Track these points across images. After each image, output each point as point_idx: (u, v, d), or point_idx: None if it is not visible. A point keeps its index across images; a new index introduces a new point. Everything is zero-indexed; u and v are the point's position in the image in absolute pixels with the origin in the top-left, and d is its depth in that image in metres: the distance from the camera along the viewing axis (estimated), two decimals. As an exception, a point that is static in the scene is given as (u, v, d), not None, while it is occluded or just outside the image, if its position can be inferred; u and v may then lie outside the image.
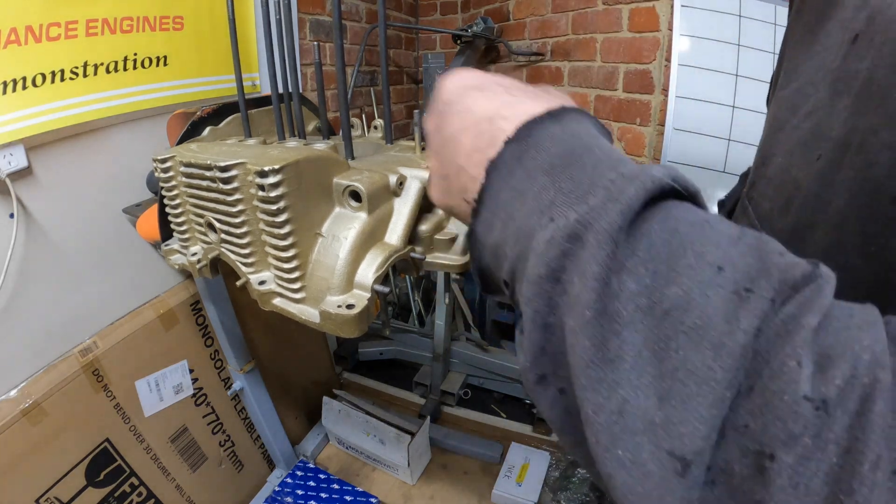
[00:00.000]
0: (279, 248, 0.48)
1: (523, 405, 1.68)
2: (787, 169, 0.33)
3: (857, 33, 0.25)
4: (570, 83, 1.57)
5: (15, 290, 0.84)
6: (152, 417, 1.07)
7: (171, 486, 1.12)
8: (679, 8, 1.21)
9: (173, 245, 0.65)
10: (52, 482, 0.89)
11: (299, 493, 1.33)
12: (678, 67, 1.23)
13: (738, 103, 1.22)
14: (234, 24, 0.64)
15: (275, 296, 0.51)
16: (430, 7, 2.14)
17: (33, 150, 0.83)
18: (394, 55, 2.04)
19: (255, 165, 0.46)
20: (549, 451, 1.46)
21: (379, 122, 0.75)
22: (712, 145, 1.25)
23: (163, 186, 0.60)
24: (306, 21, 1.46)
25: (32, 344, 0.89)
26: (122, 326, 1.02)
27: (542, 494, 1.34)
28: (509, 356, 1.70)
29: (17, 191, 0.80)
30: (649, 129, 1.32)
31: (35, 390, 0.86)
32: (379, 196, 0.51)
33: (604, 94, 1.45)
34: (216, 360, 1.22)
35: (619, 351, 0.16)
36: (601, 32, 1.41)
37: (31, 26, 0.77)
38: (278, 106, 0.64)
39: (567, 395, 0.18)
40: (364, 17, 1.75)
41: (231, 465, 1.30)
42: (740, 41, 1.20)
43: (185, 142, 0.65)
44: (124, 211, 0.99)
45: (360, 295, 0.48)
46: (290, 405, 1.50)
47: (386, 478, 1.43)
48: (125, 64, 0.92)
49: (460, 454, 1.50)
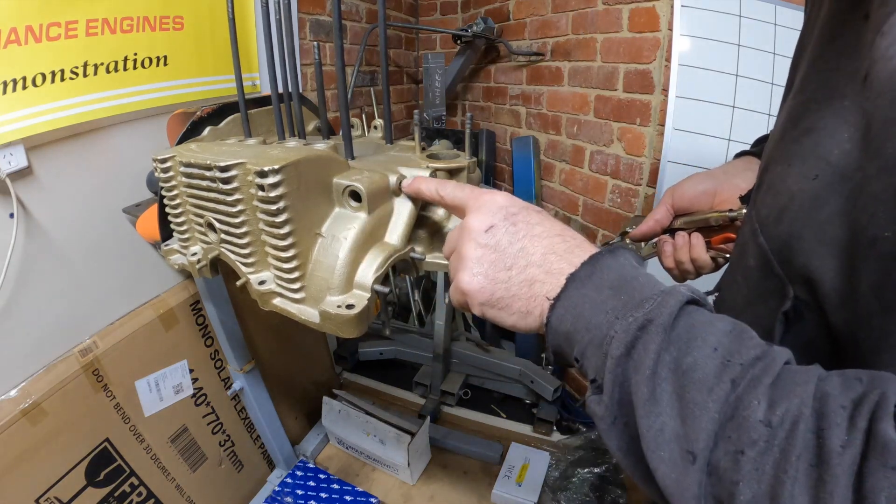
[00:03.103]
0: (279, 248, 0.48)
1: (523, 405, 1.69)
2: (784, 178, 0.36)
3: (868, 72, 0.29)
4: (570, 83, 1.57)
5: (15, 290, 0.84)
6: (152, 417, 1.07)
7: (171, 486, 1.12)
8: (679, 8, 1.21)
9: (173, 245, 0.65)
10: (52, 482, 0.89)
11: (299, 493, 1.33)
12: (678, 67, 1.23)
13: (738, 103, 1.22)
14: (233, 23, 0.64)
15: (275, 296, 0.51)
16: (430, 7, 2.14)
17: (33, 150, 0.83)
18: (394, 55, 2.04)
19: (255, 165, 0.46)
20: (549, 451, 1.46)
21: (379, 122, 0.75)
22: (712, 145, 1.25)
23: (163, 186, 0.60)
24: (306, 21, 1.46)
25: (32, 344, 0.89)
26: (122, 326, 1.02)
27: (541, 494, 1.34)
28: (509, 356, 1.70)
29: (17, 191, 0.80)
30: (649, 129, 1.32)
31: (35, 390, 0.86)
32: (379, 196, 0.51)
33: (604, 94, 1.45)
34: (216, 360, 1.22)
35: (661, 393, 0.26)
36: (601, 32, 1.41)
37: (31, 26, 0.77)
38: (278, 106, 0.64)
39: (629, 426, 0.28)
40: (364, 17, 1.75)
41: (231, 465, 1.30)
42: (740, 41, 1.20)
43: (185, 142, 0.65)
44: (124, 211, 0.99)
45: (360, 295, 0.48)
46: (290, 405, 1.50)
47: (386, 478, 1.43)
48: (125, 64, 0.92)
49: (460, 454, 1.50)
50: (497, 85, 1.95)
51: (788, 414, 0.23)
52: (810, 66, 0.37)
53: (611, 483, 1.34)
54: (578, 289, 0.32)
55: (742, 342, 0.26)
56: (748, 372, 0.25)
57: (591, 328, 0.30)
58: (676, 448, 0.25)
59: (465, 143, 0.58)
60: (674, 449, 0.25)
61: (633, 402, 0.27)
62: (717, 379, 0.25)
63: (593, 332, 0.30)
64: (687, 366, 0.26)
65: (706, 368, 0.25)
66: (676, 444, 0.25)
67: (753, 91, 1.21)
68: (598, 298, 0.31)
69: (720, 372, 0.25)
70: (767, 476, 0.22)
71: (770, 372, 0.25)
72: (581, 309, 0.31)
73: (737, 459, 0.23)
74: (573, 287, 0.32)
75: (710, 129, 1.25)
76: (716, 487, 0.24)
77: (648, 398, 0.26)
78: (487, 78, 1.99)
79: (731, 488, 0.23)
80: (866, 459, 0.20)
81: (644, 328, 0.28)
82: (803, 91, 0.37)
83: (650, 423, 0.26)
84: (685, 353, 0.26)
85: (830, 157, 0.31)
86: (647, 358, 0.27)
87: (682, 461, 0.25)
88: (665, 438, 0.25)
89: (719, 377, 0.25)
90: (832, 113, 0.32)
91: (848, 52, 0.32)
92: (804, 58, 0.39)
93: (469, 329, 1.91)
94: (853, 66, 0.31)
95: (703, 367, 0.26)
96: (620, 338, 0.28)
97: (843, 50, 0.33)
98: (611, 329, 0.29)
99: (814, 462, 0.21)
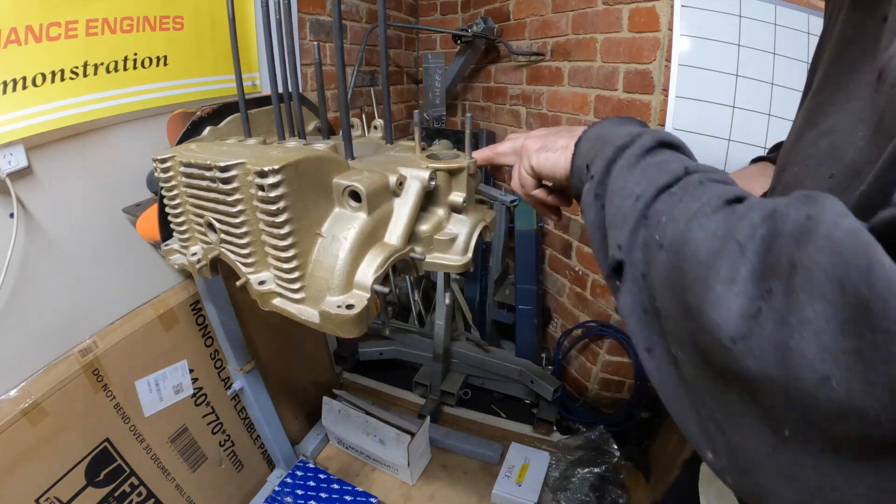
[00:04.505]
0: (279, 248, 0.48)
1: (523, 405, 1.69)
2: (800, 180, 0.37)
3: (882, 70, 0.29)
4: (570, 83, 1.57)
5: (15, 290, 0.84)
6: (152, 417, 1.07)
7: (171, 486, 1.12)
8: (679, 8, 1.21)
9: (173, 245, 0.65)
10: (52, 482, 0.89)
11: (299, 493, 1.33)
12: (678, 67, 1.23)
13: (738, 103, 1.22)
14: (234, 23, 0.64)
15: (274, 296, 0.51)
16: (430, 7, 2.14)
17: (33, 150, 0.83)
18: (394, 55, 2.04)
19: (255, 165, 0.46)
20: (549, 451, 1.46)
21: (379, 122, 0.75)
22: (712, 145, 1.25)
23: (163, 186, 0.60)
24: (306, 21, 1.46)
25: (32, 344, 0.89)
26: (122, 326, 1.02)
27: (541, 494, 1.34)
28: (509, 356, 1.70)
29: (17, 191, 0.80)
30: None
31: (35, 390, 0.86)
32: (379, 196, 0.51)
33: (604, 94, 1.44)
34: (216, 360, 1.22)
35: (634, 172, 0.35)
36: (601, 32, 1.41)
37: (31, 26, 0.77)
38: (278, 106, 0.64)
39: (599, 200, 0.37)
40: (364, 17, 1.75)
41: (231, 465, 1.30)
42: (740, 41, 1.20)
43: (185, 141, 0.65)
44: (124, 211, 0.99)
45: (360, 295, 0.48)
46: (290, 405, 1.50)
47: (386, 478, 1.43)
48: (125, 64, 0.92)
49: (460, 454, 1.50)
50: (497, 85, 1.95)
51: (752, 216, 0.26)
52: (828, 69, 0.37)
53: (611, 483, 1.34)
54: (597, 126, 0.45)
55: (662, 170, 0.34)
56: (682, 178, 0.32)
57: (591, 154, 0.41)
58: (630, 198, 0.33)
59: (466, 143, 0.58)
60: (627, 197, 0.33)
61: (611, 177, 0.36)
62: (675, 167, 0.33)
63: (594, 152, 0.41)
64: (655, 162, 0.35)
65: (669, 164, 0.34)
66: (631, 194, 0.33)
67: (753, 91, 1.21)
68: (607, 129, 0.42)
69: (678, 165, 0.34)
70: (689, 208, 0.28)
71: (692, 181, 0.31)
72: (587, 147, 0.43)
73: (671, 200, 0.30)
74: (593, 127, 0.45)
75: (710, 130, 1.25)
76: (648, 226, 0.30)
77: (624, 172, 0.35)
78: (487, 78, 1.99)
79: (658, 217, 0.30)
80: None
81: (621, 150, 0.37)
82: (821, 93, 0.37)
83: (617, 183, 0.35)
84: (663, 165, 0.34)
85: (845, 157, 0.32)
86: (630, 152, 0.36)
87: (630, 203, 0.32)
88: (625, 192, 0.34)
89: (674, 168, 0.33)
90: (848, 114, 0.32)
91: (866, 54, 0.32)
92: (822, 61, 0.39)
93: (469, 329, 1.91)
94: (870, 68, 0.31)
95: (665, 163, 0.34)
96: (619, 143, 0.38)
97: (861, 52, 0.33)
98: (611, 143, 0.39)
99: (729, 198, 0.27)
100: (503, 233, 1.88)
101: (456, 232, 0.56)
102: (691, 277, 0.25)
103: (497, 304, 1.89)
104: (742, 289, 0.22)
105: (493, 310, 1.92)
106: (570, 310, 1.72)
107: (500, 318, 1.91)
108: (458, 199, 0.56)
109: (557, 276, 1.77)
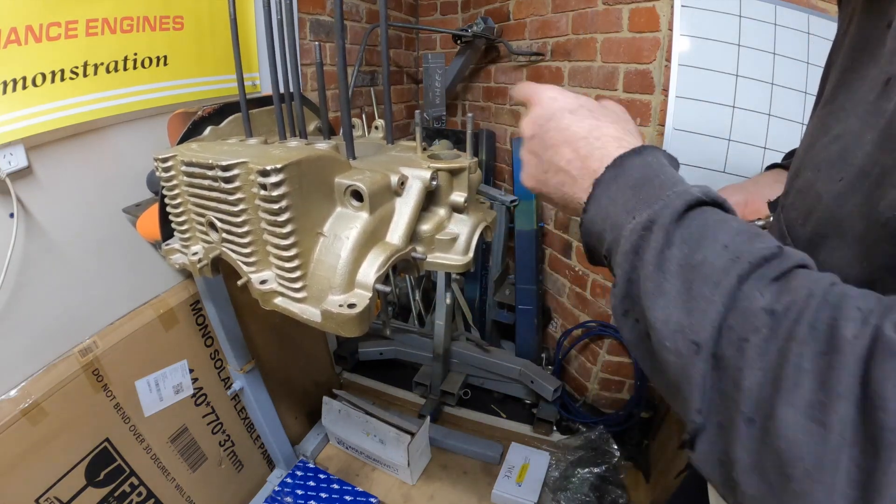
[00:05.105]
0: (281, 247, 0.48)
1: (523, 405, 1.69)
2: (812, 183, 0.37)
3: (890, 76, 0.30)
4: (571, 83, 1.57)
5: (15, 290, 0.84)
6: (152, 417, 1.07)
7: (171, 486, 1.12)
8: (679, 8, 1.21)
9: (174, 244, 0.65)
10: (52, 482, 0.88)
11: (299, 493, 1.33)
12: (678, 67, 1.23)
13: (738, 103, 1.22)
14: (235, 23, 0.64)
15: (276, 295, 0.51)
16: (430, 7, 2.14)
17: (33, 150, 0.83)
18: (394, 55, 2.04)
19: (257, 165, 0.46)
20: (549, 451, 1.46)
21: (380, 122, 0.75)
22: (712, 145, 1.25)
23: (164, 185, 0.60)
24: (307, 21, 1.46)
25: (32, 344, 0.88)
26: (121, 326, 1.02)
27: (541, 494, 1.34)
28: (509, 356, 1.70)
29: (17, 191, 0.80)
30: (649, 129, 1.32)
31: (35, 390, 0.86)
32: (380, 196, 0.51)
33: (604, 95, 1.45)
34: (216, 360, 1.22)
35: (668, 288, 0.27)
36: (601, 32, 1.41)
37: (31, 26, 0.77)
38: (279, 106, 0.64)
39: (639, 324, 0.30)
40: (364, 17, 1.75)
41: (231, 465, 1.30)
42: (740, 41, 1.20)
43: (187, 141, 0.65)
44: (124, 211, 0.99)
45: (362, 294, 0.48)
46: (290, 405, 1.50)
47: (386, 478, 1.43)
48: (125, 64, 0.92)
49: (460, 454, 1.50)
50: (497, 85, 1.95)
51: (794, 305, 0.23)
52: (840, 76, 0.38)
53: (611, 483, 1.34)
54: (604, 191, 0.35)
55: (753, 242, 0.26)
56: (756, 270, 0.25)
57: (615, 228, 0.33)
58: (681, 339, 0.26)
59: (466, 143, 0.58)
60: (678, 339, 0.26)
61: (640, 295, 0.28)
62: (723, 274, 0.25)
63: (616, 231, 0.33)
64: (696, 262, 0.27)
65: (714, 264, 0.26)
66: (681, 335, 0.26)
67: (753, 91, 1.21)
68: (621, 199, 0.33)
69: (728, 268, 0.25)
70: (771, 362, 0.22)
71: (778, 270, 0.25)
72: (608, 210, 0.34)
73: (741, 347, 0.23)
74: (600, 189, 0.35)
75: (710, 130, 1.25)
76: (721, 379, 0.24)
77: (654, 292, 0.28)
78: (487, 78, 1.99)
79: (736, 375, 0.23)
80: (876, 350, 0.20)
81: (648, 228, 0.29)
82: (833, 100, 0.38)
83: (656, 316, 0.27)
84: (695, 251, 0.27)
85: (855, 160, 0.32)
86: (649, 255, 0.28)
87: (686, 351, 0.25)
88: (670, 329, 0.26)
89: (726, 272, 0.25)
90: (857, 119, 0.33)
91: (874, 61, 0.32)
92: (835, 67, 0.40)
93: (469, 329, 1.91)
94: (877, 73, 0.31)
95: (712, 264, 0.26)
96: (628, 236, 0.31)
97: (870, 58, 0.33)
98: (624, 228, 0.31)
99: (823, 349, 0.21)
100: (503, 233, 1.89)
101: (457, 232, 0.56)
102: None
103: (497, 304, 1.89)
104: None
105: (493, 310, 1.92)
106: (570, 310, 1.72)
107: (500, 318, 1.91)
108: (460, 198, 0.56)
109: (557, 276, 1.77)
